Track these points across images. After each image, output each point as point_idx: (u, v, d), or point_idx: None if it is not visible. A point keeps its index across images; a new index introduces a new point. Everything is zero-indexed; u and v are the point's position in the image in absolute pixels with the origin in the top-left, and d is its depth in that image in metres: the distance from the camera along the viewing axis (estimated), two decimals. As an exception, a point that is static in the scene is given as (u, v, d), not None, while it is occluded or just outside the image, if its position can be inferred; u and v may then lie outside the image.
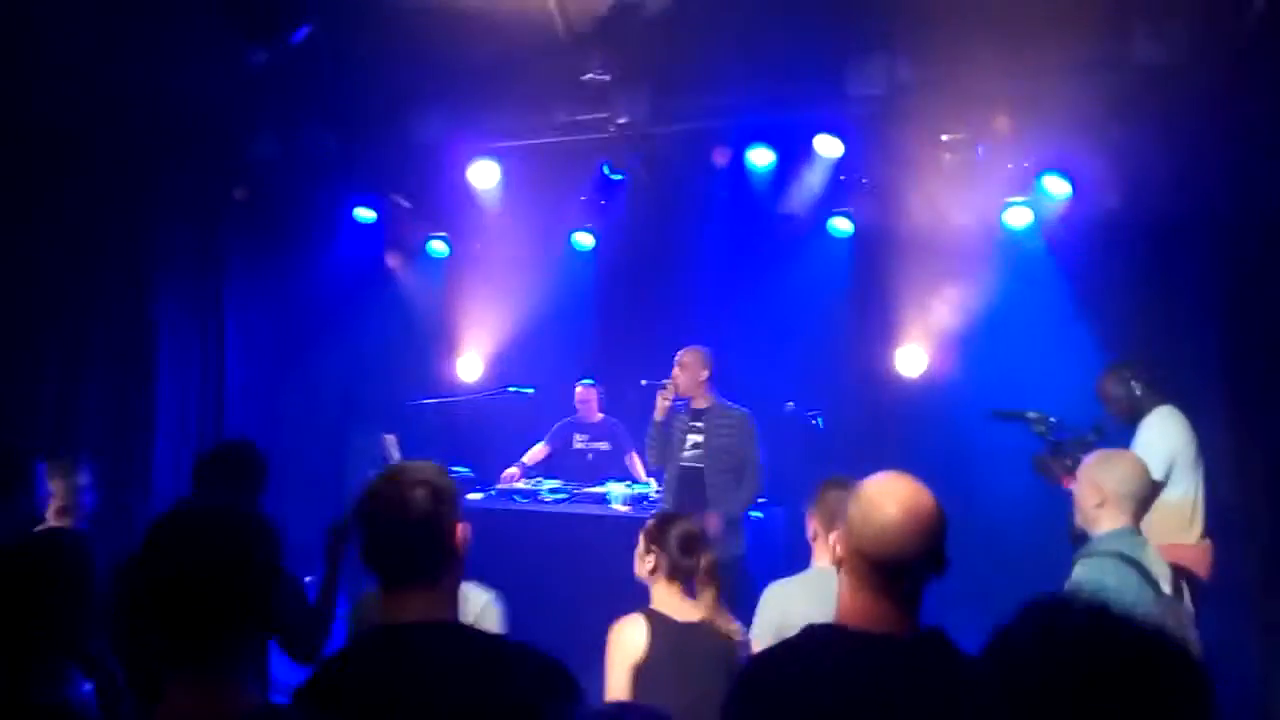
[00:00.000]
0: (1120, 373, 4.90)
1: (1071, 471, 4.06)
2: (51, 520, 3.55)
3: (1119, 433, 4.72)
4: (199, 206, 7.08)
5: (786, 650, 1.87)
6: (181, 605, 1.50)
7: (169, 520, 1.58)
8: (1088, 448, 3.95)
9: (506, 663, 1.76)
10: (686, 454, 5.39)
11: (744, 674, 1.88)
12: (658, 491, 6.27)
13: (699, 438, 5.39)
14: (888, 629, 1.79)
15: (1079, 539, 3.17)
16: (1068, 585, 2.88)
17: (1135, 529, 3.02)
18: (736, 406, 5.50)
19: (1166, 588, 2.95)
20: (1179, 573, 3.15)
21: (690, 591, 3.05)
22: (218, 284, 7.35)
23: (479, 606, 2.84)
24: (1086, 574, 2.87)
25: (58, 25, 4.86)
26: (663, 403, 5.43)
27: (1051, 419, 4.75)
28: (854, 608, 1.83)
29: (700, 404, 5.46)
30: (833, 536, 1.92)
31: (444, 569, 1.84)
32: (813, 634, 1.86)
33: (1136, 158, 5.62)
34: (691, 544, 3.06)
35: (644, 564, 3.12)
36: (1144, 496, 3.06)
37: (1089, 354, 5.69)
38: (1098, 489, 3.02)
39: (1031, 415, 4.79)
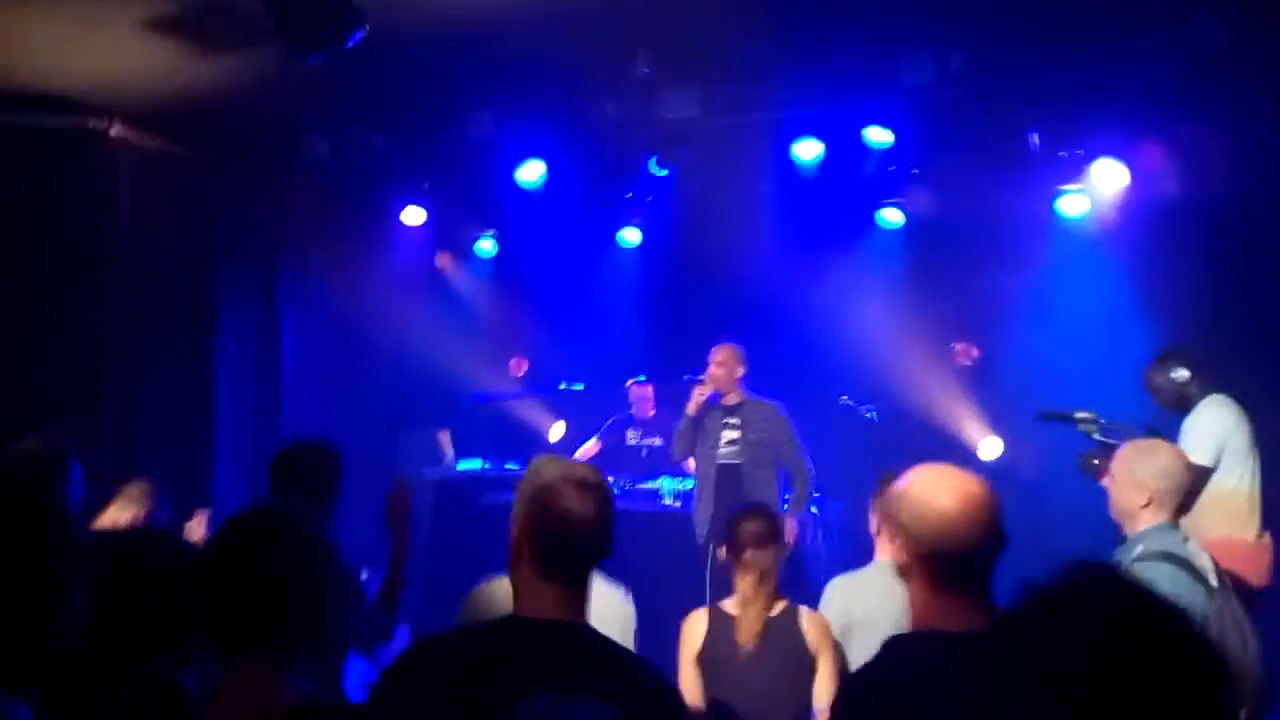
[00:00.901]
0: (1168, 362, 4.79)
1: None
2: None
3: (1172, 430, 4.61)
4: (255, 207, 7.19)
5: (876, 672, 1.81)
6: (234, 600, 1.59)
7: (235, 521, 1.68)
8: None
9: (624, 674, 1.79)
10: (723, 450, 5.38)
11: (846, 697, 1.85)
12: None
13: (735, 434, 5.38)
14: (969, 626, 1.74)
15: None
16: None
17: (1175, 524, 2.96)
18: (766, 399, 5.48)
19: (1213, 581, 2.88)
20: (1226, 572, 3.04)
21: (760, 586, 3.06)
22: (272, 285, 7.46)
23: (615, 601, 2.92)
24: (1143, 578, 2.79)
25: (108, 27, 4.96)
26: (699, 397, 5.42)
27: (1101, 419, 4.65)
28: (929, 611, 1.79)
29: (733, 400, 5.45)
30: (898, 544, 1.86)
31: (591, 572, 1.88)
32: (899, 646, 1.81)
33: (1195, 143, 5.50)
34: (751, 538, 3.06)
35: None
36: (1185, 489, 3.00)
37: (1146, 345, 5.58)
38: (1142, 487, 2.94)
39: (1080, 416, 4.70)
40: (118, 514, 3.60)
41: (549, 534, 1.83)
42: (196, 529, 3.99)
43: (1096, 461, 4.48)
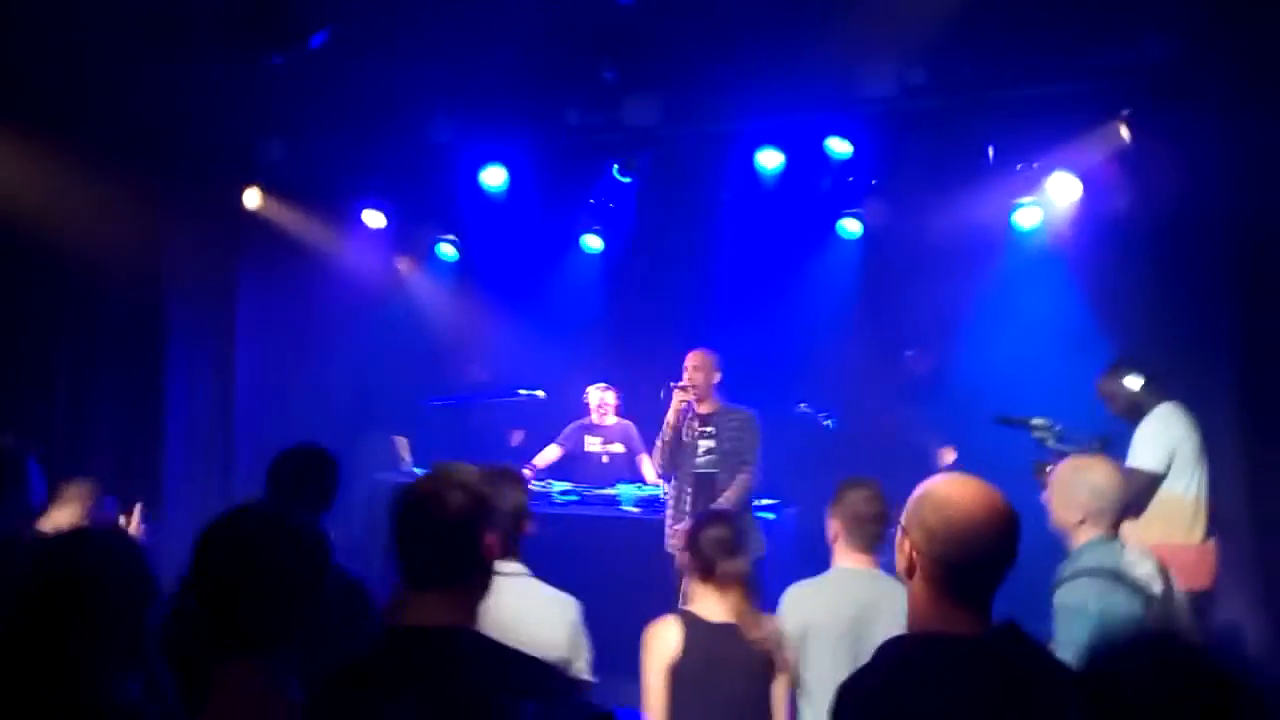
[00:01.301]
0: (1121, 371, 4.87)
1: None
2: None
3: (1125, 441, 4.70)
4: (210, 207, 7.10)
5: (875, 673, 1.81)
6: (229, 606, 1.54)
7: (224, 521, 1.61)
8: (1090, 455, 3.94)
9: (512, 673, 1.74)
10: (700, 459, 5.33)
11: (846, 696, 1.81)
12: (667, 494, 6.26)
13: (711, 443, 5.32)
14: (968, 631, 1.76)
15: None
16: (1054, 610, 2.85)
17: (1112, 536, 3.00)
18: (741, 407, 5.45)
19: (1155, 587, 2.93)
20: (1167, 574, 3.09)
21: (724, 594, 3.03)
22: (229, 285, 7.36)
23: (556, 608, 2.88)
24: (1069, 598, 2.83)
25: (68, 25, 4.88)
26: (679, 404, 5.33)
27: (1057, 427, 4.70)
28: (930, 614, 1.79)
29: (707, 408, 5.39)
30: (905, 544, 1.85)
31: (471, 575, 1.82)
32: (896, 649, 1.81)
33: (1146, 158, 5.62)
34: (723, 547, 3.02)
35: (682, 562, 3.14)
36: (1119, 504, 3.03)
37: (1099, 354, 5.68)
38: (1076, 504, 2.98)
39: (1036, 422, 4.75)
40: (59, 515, 3.53)
41: (411, 539, 1.80)
42: (132, 524, 3.93)
43: (1050, 469, 4.54)
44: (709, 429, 5.35)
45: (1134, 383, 4.77)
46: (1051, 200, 6.29)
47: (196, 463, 7.01)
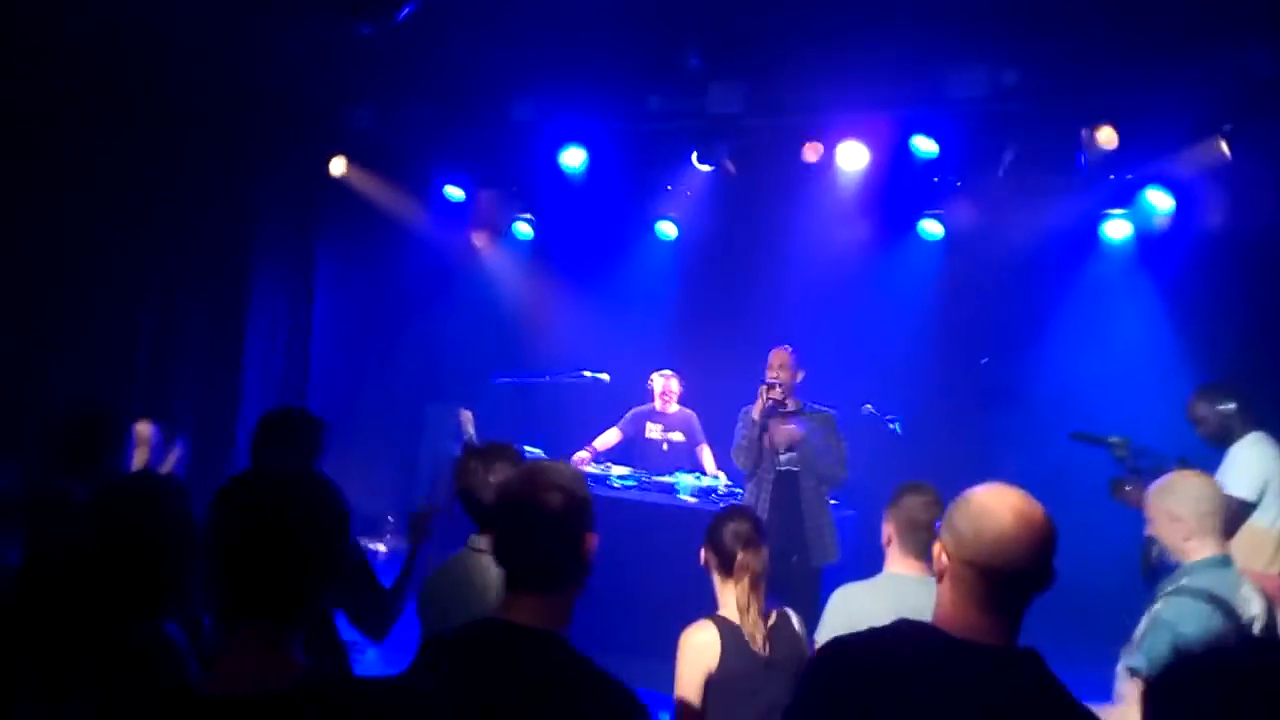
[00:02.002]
0: (1212, 395, 4.72)
1: None
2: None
3: (1206, 462, 4.54)
4: (295, 177, 7.25)
5: (876, 637, 1.81)
6: (244, 564, 1.52)
7: (241, 480, 1.59)
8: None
9: (584, 690, 1.77)
10: (783, 457, 5.28)
11: (827, 652, 1.82)
12: (728, 485, 6.25)
13: (788, 429, 5.27)
14: (987, 640, 1.74)
15: (1154, 571, 3.05)
16: (1146, 618, 2.79)
17: (1226, 555, 2.90)
18: (822, 407, 5.41)
19: (1258, 626, 2.82)
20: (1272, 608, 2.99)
21: (754, 590, 2.98)
22: (309, 251, 7.52)
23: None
24: (1167, 613, 2.76)
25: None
26: (766, 403, 5.25)
27: (1134, 445, 4.58)
28: (955, 616, 1.77)
29: (792, 405, 5.34)
30: (935, 546, 1.84)
31: (567, 578, 1.84)
32: (907, 629, 1.80)
33: (1245, 174, 5.41)
34: (738, 540, 2.98)
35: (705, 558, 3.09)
36: (1222, 512, 2.94)
37: (1182, 375, 5.50)
38: (1177, 520, 2.90)
39: (1113, 440, 4.63)
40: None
41: (513, 542, 1.82)
42: (167, 465, 4.02)
43: (1129, 488, 4.42)
44: (792, 425, 5.30)
45: (1228, 407, 4.62)
46: (1144, 213, 6.09)
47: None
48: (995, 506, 1.77)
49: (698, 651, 2.85)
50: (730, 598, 2.96)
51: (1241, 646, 1.28)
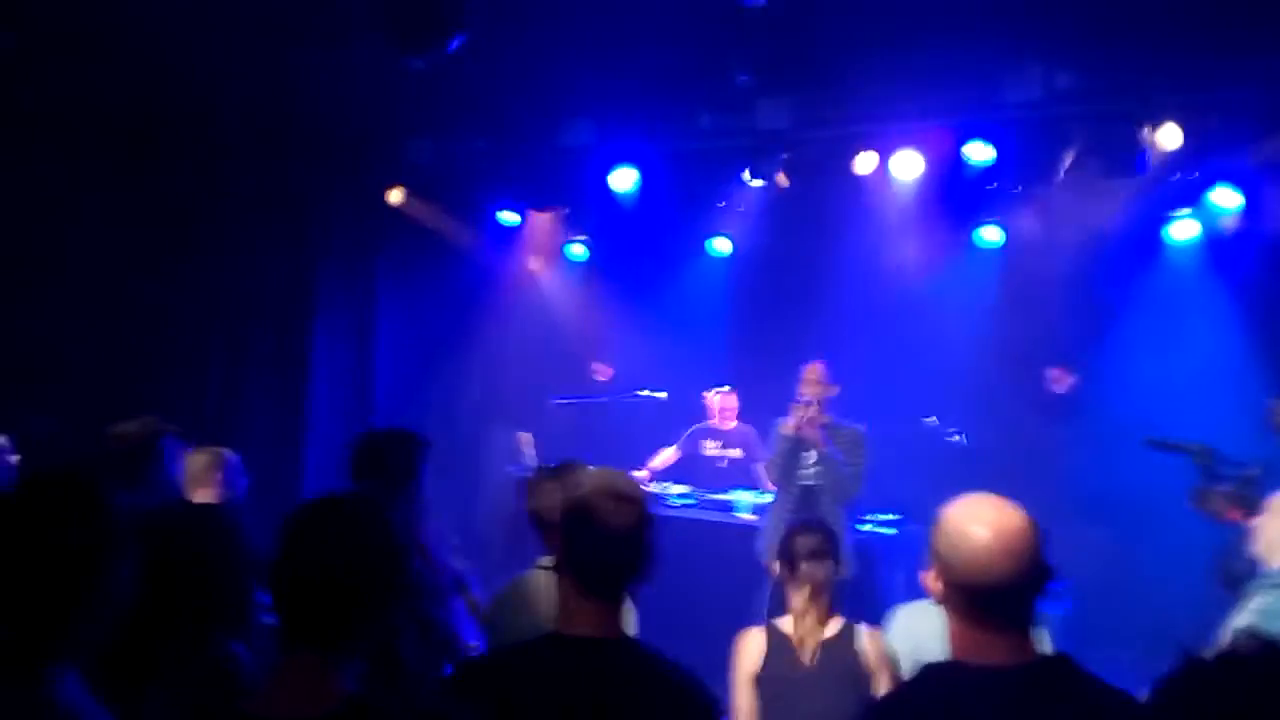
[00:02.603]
0: None
1: (1237, 504, 3.82)
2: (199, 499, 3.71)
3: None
4: (356, 208, 7.40)
5: (907, 696, 1.81)
6: (294, 594, 1.56)
7: (301, 511, 1.63)
8: (1251, 483, 3.70)
9: (660, 689, 1.80)
10: (807, 471, 5.27)
11: None
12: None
13: (818, 454, 5.25)
14: (1006, 660, 1.70)
15: (1233, 578, 2.98)
16: (1240, 614, 2.78)
17: None
18: (852, 424, 5.39)
19: None
20: None
21: (814, 600, 3.00)
22: (371, 281, 7.66)
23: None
24: (1260, 604, 2.76)
25: (223, 31, 5.16)
26: (803, 417, 5.24)
27: (1215, 452, 4.45)
28: (966, 644, 1.74)
29: (822, 420, 5.31)
30: (930, 575, 1.81)
31: (632, 587, 1.88)
32: (932, 675, 1.78)
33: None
34: (811, 552, 3.02)
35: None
36: None
37: (1252, 379, 5.33)
38: None
39: (1193, 448, 4.50)
40: (199, 492, 3.71)
41: (585, 550, 1.84)
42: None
43: (1214, 498, 4.30)
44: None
45: None
46: (1210, 213, 5.92)
47: (336, 452, 7.30)
48: (969, 525, 1.72)
49: (743, 655, 2.99)
50: (796, 605, 3.05)
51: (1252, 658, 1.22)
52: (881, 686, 2.93)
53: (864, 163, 6.27)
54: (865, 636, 3.01)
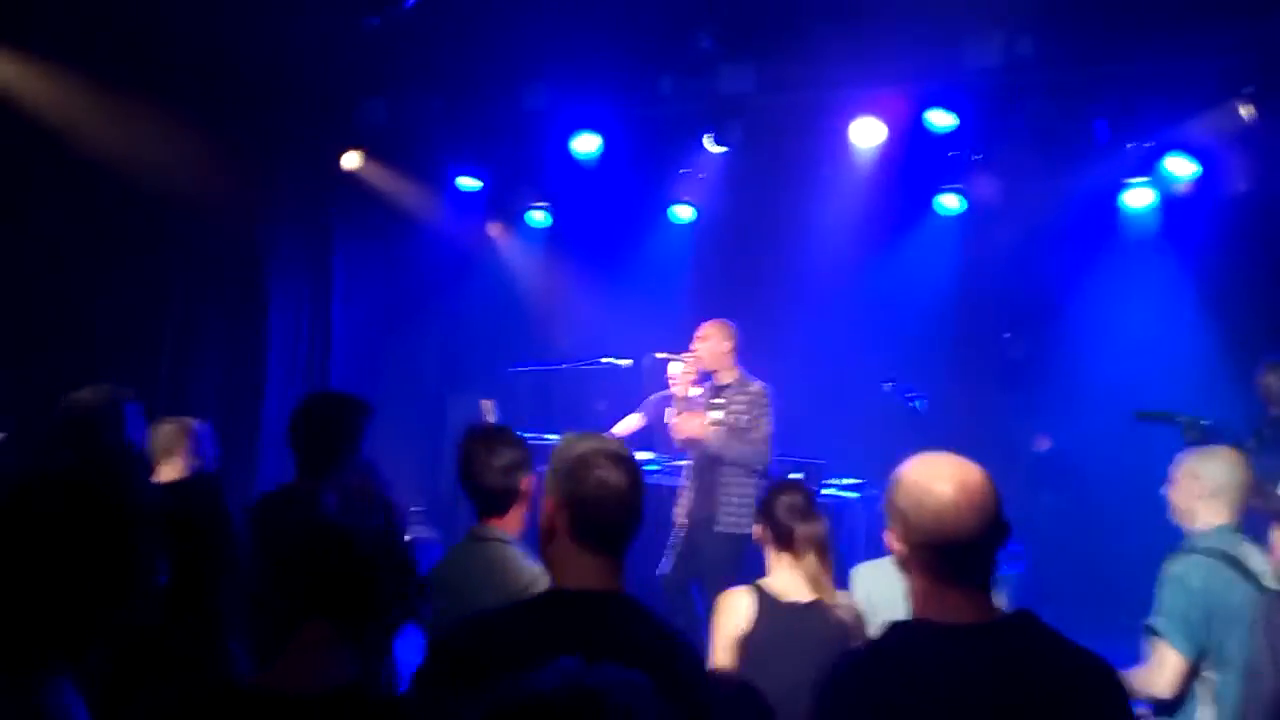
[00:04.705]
0: None
1: None
2: (167, 474, 3.65)
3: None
4: (311, 171, 7.26)
5: (874, 654, 1.80)
6: (318, 580, 1.67)
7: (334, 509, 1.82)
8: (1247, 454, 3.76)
9: (662, 644, 1.84)
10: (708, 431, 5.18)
11: (830, 681, 1.79)
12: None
13: (719, 414, 5.12)
14: (972, 618, 1.70)
15: None
16: (1160, 577, 2.86)
17: (1235, 526, 2.96)
18: (756, 381, 5.21)
19: (1271, 583, 2.83)
20: None
21: (800, 560, 2.97)
22: (326, 246, 7.54)
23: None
24: (1174, 568, 2.87)
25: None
26: (682, 376, 5.22)
27: (1204, 422, 4.50)
28: (930, 602, 1.74)
29: (724, 379, 5.19)
30: (890, 536, 1.79)
31: (631, 542, 1.93)
32: (897, 632, 1.78)
33: (1269, 139, 5.31)
34: (798, 512, 2.98)
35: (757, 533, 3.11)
36: (1245, 490, 2.99)
37: (1207, 345, 5.43)
38: (1199, 486, 2.97)
39: (1182, 419, 4.54)
40: (165, 466, 3.64)
41: (586, 506, 1.87)
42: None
43: None
44: (719, 400, 5.17)
45: None
46: (1165, 181, 6.00)
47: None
48: (931, 482, 1.71)
49: (730, 616, 2.91)
50: (782, 570, 2.98)
51: None
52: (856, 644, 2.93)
53: (825, 128, 6.27)
54: (841, 596, 3.01)
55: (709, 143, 6.54)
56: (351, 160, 7.20)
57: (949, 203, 6.81)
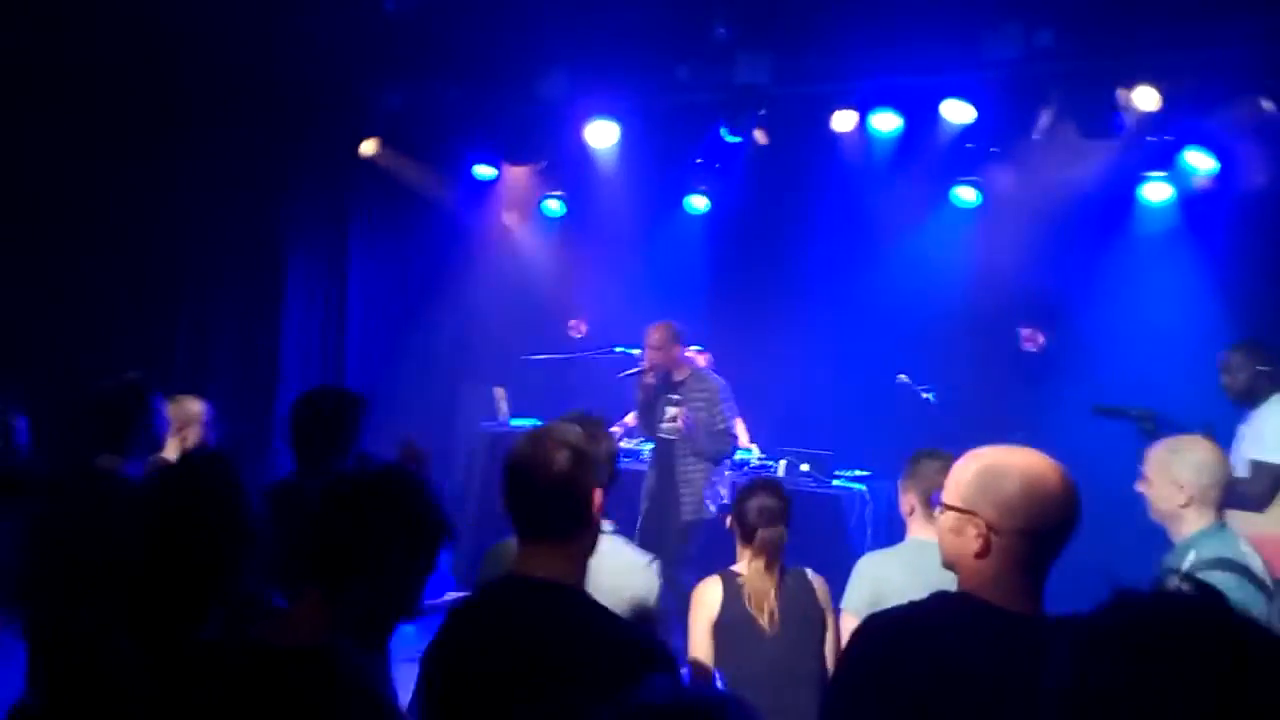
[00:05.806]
0: (1255, 352, 4.64)
1: None
2: (171, 452, 3.68)
3: (1228, 429, 4.45)
4: (328, 158, 7.29)
5: (917, 610, 1.78)
6: (316, 552, 1.73)
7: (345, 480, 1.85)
8: None
9: (606, 637, 1.84)
10: (664, 425, 5.47)
11: (871, 628, 1.80)
12: (760, 457, 6.27)
13: (675, 410, 5.45)
14: (1023, 608, 1.72)
15: None
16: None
17: (1223, 523, 2.85)
18: (713, 376, 5.60)
19: (1269, 583, 2.79)
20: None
21: (769, 567, 3.13)
22: (343, 236, 7.57)
23: (638, 569, 2.76)
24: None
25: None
26: (646, 382, 5.55)
27: (1158, 415, 4.49)
28: (997, 586, 1.72)
29: (679, 375, 5.54)
30: (971, 526, 1.75)
31: (576, 531, 1.91)
32: (947, 602, 1.76)
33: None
34: (761, 515, 3.15)
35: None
36: (1225, 484, 2.88)
37: (1225, 340, 5.38)
38: (1179, 485, 2.82)
39: (1135, 412, 4.55)
40: (172, 445, 3.68)
41: (511, 495, 1.93)
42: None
43: None
44: (676, 396, 5.48)
45: (1262, 366, 4.54)
46: (1184, 175, 5.96)
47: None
48: (1031, 468, 1.74)
49: (703, 603, 3.11)
50: (745, 560, 3.18)
51: None
52: (830, 627, 3.07)
53: (842, 120, 6.24)
54: (815, 579, 3.16)
55: (724, 133, 6.53)
56: (368, 148, 7.23)
57: (965, 195, 6.78)
